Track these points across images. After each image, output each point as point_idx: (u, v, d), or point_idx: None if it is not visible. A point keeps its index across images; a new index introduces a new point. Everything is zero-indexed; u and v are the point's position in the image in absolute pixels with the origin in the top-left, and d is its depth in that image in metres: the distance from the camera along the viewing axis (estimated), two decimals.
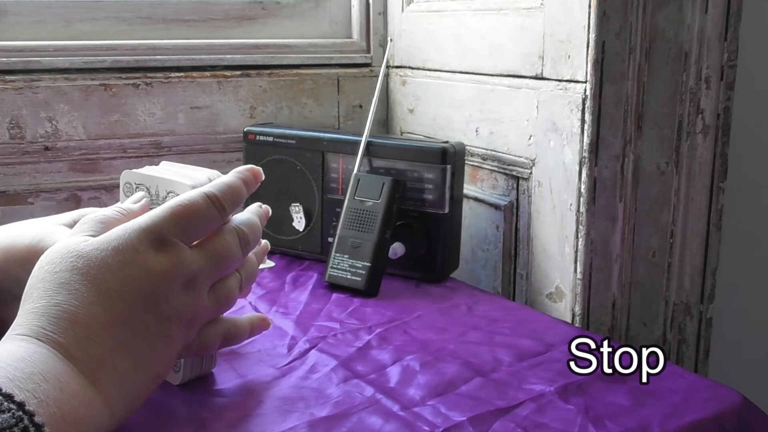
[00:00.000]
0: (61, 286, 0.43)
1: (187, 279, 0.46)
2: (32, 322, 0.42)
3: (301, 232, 0.87)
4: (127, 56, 0.90)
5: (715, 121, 0.78)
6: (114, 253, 0.44)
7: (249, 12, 1.00)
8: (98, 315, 0.42)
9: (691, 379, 0.57)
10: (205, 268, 0.47)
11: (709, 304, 0.83)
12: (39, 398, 0.36)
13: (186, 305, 0.46)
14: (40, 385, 0.37)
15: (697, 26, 0.75)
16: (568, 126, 0.74)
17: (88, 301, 0.42)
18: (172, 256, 0.45)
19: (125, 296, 0.44)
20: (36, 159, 0.86)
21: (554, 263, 0.78)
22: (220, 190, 0.49)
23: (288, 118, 0.99)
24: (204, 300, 0.48)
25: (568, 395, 0.54)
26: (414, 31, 0.98)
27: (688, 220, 0.79)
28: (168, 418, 0.50)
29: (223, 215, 0.49)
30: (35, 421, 0.35)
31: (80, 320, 0.42)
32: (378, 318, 0.69)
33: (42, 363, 0.39)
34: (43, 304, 0.42)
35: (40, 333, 0.41)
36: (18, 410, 0.34)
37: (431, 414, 0.51)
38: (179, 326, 0.46)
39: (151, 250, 0.45)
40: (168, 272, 0.45)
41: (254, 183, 0.52)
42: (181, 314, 0.46)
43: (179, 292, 0.46)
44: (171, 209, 0.47)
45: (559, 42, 0.74)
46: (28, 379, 0.37)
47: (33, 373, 0.37)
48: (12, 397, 0.35)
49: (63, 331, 0.41)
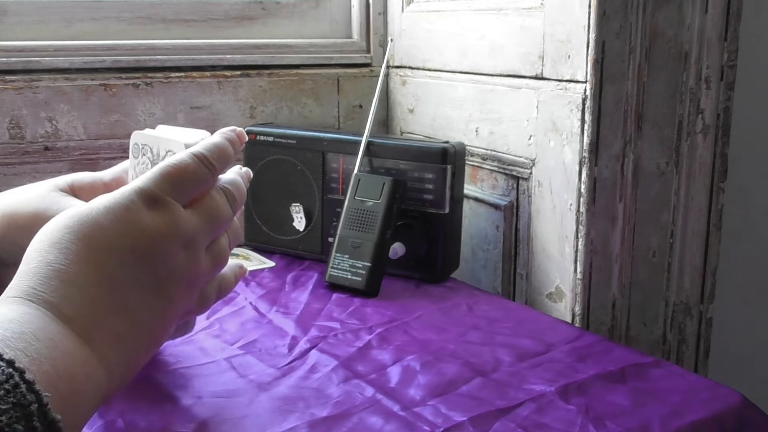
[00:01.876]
0: (53, 245, 0.42)
1: (184, 240, 0.46)
2: (24, 282, 0.41)
3: (302, 232, 0.87)
4: (127, 56, 0.90)
5: (715, 121, 0.78)
6: (105, 211, 0.44)
7: (249, 12, 1.00)
8: (89, 274, 0.42)
9: (691, 379, 0.57)
10: (201, 228, 0.47)
11: (709, 304, 0.83)
12: (31, 356, 0.36)
13: (185, 267, 0.46)
14: (31, 344, 0.36)
15: (697, 26, 0.75)
16: (568, 126, 0.74)
17: (78, 259, 0.42)
18: (166, 215, 0.45)
19: (117, 254, 0.43)
20: (36, 159, 0.86)
21: (554, 263, 0.78)
22: (209, 150, 0.49)
23: (288, 118, 0.99)
24: (202, 261, 0.48)
25: (569, 395, 0.54)
26: (414, 31, 0.98)
27: (688, 220, 0.79)
28: (168, 418, 0.50)
29: (213, 174, 0.49)
30: (26, 378, 0.34)
31: (70, 278, 0.41)
32: (378, 318, 0.69)
33: (33, 323, 0.38)
34: (35, 265, 0.42)
35: (30, 293, 0.40)
36: (8, 367, 0.33)
37: (432, 414, 0.51)
38: (178, 288, 0.46)
39: (144, 208, 0.44)
40: (164, 232, 0.45)
41: (239, 144, 0.53)
42: (181, 275, 0.46)
43: (178, 253, 0.45)
44: (161, 170, 0.47)
45: (559, 42, 0.74)
46: (19, 338, 0.36)
47: (24, 332, 0.37)
48: (1, 356, 0.34)
49: (54, 290, 0.40)
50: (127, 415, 0.49)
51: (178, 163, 0.47)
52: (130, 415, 0.49)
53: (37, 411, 0.33)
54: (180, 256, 0.46)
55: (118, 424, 0.49)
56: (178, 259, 0.45)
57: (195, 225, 0.47)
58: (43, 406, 0.34)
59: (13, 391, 0.33)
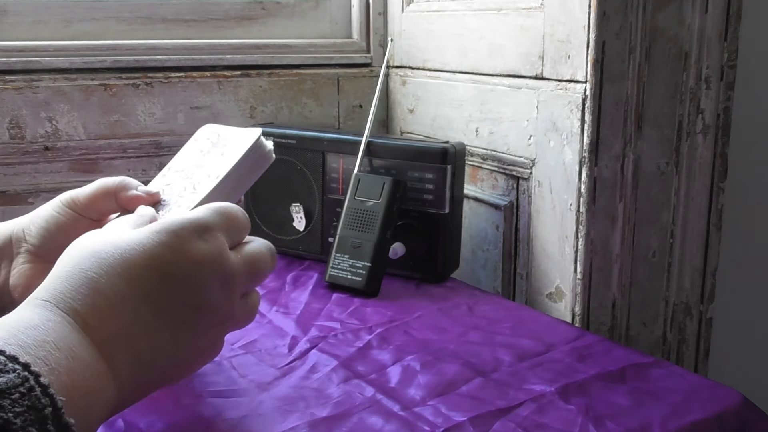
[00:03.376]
0: (91, 253, 0.43)
1: (225, 276, 0.45)
2: (55, 285, 0.41)
3: (302, 232, 0.87)
4: (127, 56, 0.90)
5: (715, 121, 0.78)
6: (150, 233, 0.44)
7: (249, 12, 1.00)
8: (121, 288, 0.41)
9: (691, 379, 0.57)
10: (242, 271, 0.47)
11: (709, 304, 0.83)
12: (50, 366, 0.36)
13: (218, 303, 0.45)
14: (51, 353, 0.37)
15: (697, 26, 0.75)
16: (568, 126, 0.74)
17: (113, 272, 0.42)
18: (213, 247, 0.45)
19: (153, 274, 0.43)
20: (36, 159, 0.86)
21: (554, 263, 0.78)
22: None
23: (288, 118, 0.99)
24: (236, 304, 0.47)
25: (569, 395, 0.54)
26: (414, 31, 0.98)
27: (688, 220, 0.79)
28: (168, 418, 0.50)
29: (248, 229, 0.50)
30: (41, 382, 0.34)
31: (101, 289, 0.41)
32: (378, 318, 0.69)
33: (55, 331, 0.38)
34: (69, 269, 0.42)
35: (59, 298, 0.40)
36: (23, 371, 0.34)
37: (432, 414, 0.51)
38: (207, 323, 0.45)
39: (195, 236, 0.45)
40: (208, 261, 0.45)
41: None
42: (213, 310, 0.45)
43: (215, 287, 0.45)
44: (217, 207, 0.48)
45: (559, 42, 0.74)
46: (40, 346, 0.36)
47: (45, 341, 0.37)
48: (16, 359, 0.34)
49: (82, 298, 0.40)
50: (127, 415, 0.49)
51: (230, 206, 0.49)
52: (130, 415, 0.49)
53: (51, 415, 0.33)
54: (216, 290, 0.45)
55: (118, 424, 0.49)
56: (214, 293, 0.45)
57: (238, 265, 0.47)
58: (58, 410, 0.34)
59: (27, 395, 0.33)
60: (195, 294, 0.44)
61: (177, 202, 0.57)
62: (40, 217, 0.57)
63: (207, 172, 0.58)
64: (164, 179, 0.61)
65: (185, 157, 0.63)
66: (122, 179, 0.58)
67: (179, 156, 0.64)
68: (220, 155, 0.59)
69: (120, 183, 0.57)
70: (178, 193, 0.58)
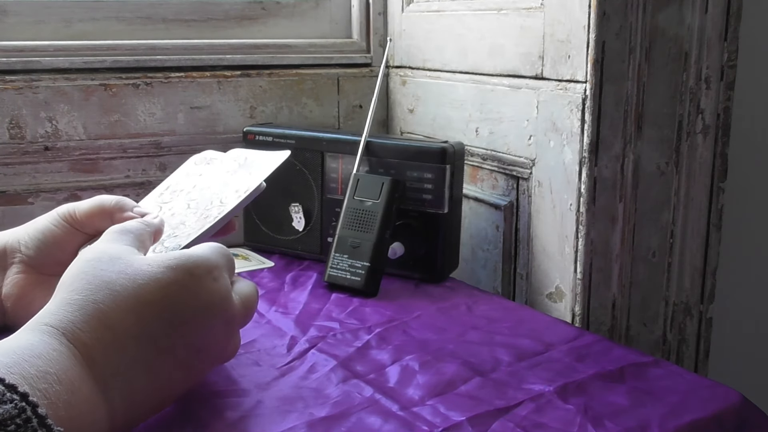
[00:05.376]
0: (105, 284, 0.43)
1: (228, 317, 0.48)
2: (64, 313, 0.41)
3: (301, 232, 0.87)
4: (127, 56, 0.90)
5: (715, 121, 0.78)
6: (165, 269, 0.45)
7: (249, 12, 1.00)
8: (128, 323, 0.42)
9: (691, 378, 0.57)
10: (242, 312, 0.50)
11: (709, 304, 0.83)
12: (50, 399, 0.36)
13: (218, 343, 0.48)
14: (53, 386, 0.37)
15: (697, 26, 0.75)
16: (568, 126, 0.74)
17: (124, 307, 0.42)
18: (223, 288, 0.47)
19: (164, 313, 0.44)
20: (36, 159, 0.86)
21: (554, 263, 0.78)
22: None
23: (288, 118, 0.99)
24: (234, 342, 0.50)
25: (568, 395, 0.54)
26: (414, 31, 0.98)
27: (688, 220, 0.79)
28: (167, 418, 0.50)
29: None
30: (38, 413, 0.34)
31: (110, 322, 0.42)
32: (377, 318, 0.69)
33: (59, 362, 0.38)
34: (81, 298, 0.42)
35: (68, 327, 0.41)
36: (21, 401, 0.34)
37: (430, 414, 0.51)
38: (203, 361, 0.47)
39: (207, 275, 0.46)
40: (216, 302, 0.46)
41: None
42: (211, 350, 0.47)
43: (219, 328, 0.47)
44: (217, 247, 0.49)
45: (559, 42, 0.74)
46: (42, 378, 0.37)
47: (48, 372, 0.37)
48: (15, 388, 0.34)
49: (91, 330, 0.41)
50: None
51: (224, 247, 0.50)
52: None
53: None
54: (218, 331, 0.47)
55: None
56: (216, 335, 0.47)
57: (238, 307, 0.49)
58: None
59: (24, 426, 0.33)
60: (199, 336, 0.46)
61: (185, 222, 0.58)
62: (36, 228, 0.57)
63: (235, 188, 0.61)
64: (161, 198, 0.62)
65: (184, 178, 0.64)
66: (119, 199, 0.59)
67: (176, 175, 0.65)
68: (248, 174, 0.61)
69: (117, 203, 0.58)
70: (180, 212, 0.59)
